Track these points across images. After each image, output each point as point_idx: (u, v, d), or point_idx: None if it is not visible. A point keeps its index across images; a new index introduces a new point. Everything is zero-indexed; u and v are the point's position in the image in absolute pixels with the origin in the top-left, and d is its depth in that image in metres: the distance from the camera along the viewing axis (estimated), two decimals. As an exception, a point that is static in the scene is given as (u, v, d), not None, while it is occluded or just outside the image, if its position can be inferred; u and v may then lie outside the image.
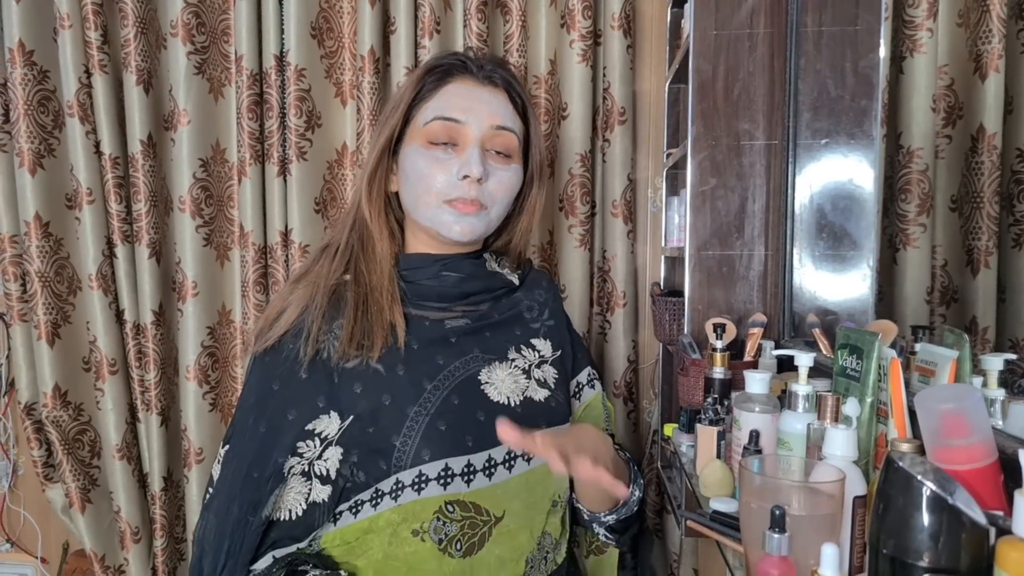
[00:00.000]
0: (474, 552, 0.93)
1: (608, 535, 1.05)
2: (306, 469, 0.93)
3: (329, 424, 0.93)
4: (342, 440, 0.93)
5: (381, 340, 0.95)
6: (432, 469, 0.92)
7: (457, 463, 0.93)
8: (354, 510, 0.94)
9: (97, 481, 1.94)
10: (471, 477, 0.93)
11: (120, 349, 1.87)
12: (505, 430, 0.78)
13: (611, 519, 1.02)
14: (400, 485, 0.92)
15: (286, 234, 1.81)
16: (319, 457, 0.93)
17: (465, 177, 0.97)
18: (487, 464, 0.95)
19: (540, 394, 1.02)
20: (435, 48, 1.74)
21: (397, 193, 1.07)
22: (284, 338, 0.98)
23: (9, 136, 1.82)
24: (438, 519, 0.92)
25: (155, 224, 1.82)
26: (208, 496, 0.99)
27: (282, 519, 0.94)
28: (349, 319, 0.96)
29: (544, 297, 1.12)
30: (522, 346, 1.05)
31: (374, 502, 0.93)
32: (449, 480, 0.92)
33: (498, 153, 1.01)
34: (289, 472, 0.94)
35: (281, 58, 1.77)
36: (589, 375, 1.14)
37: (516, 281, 1.11)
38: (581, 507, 1.04)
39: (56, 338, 1.85)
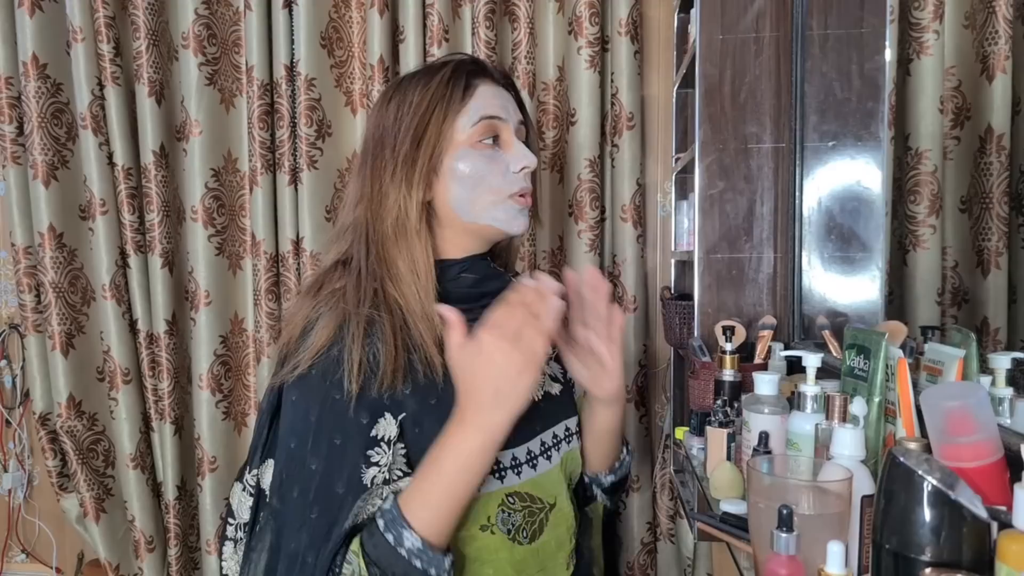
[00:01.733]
0: (536, 538, 0.97)
1: (606, 497, 1.10)
2: (387, 477, 0.92)
3: (388, 427, 0.93)
4: (400, 438, 0.93)
5: (438, 353, 0.94)
6: None
7: (504, 457, 0.95)
8: None
9: (111, 490, 1.95)
10: (520, 469, 0.96)
11: (134, 359, 1.88)
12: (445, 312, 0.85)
13: (611, 479, 1.07)
14: None
15: (297, 242, 1.82)
16: (394, 461, 0.92)
17: (523, 168, 1.01)
18: (529, 456, 0.98)
19: (555, 388, 1.05)
20: (443, 56, 1.75)
21: (429, 202, 1.06)
22: (316, 364, 0.95)
23: (23, 148, 1.84)
24: (503, 511, 0.94)
25: (168, 234, 1.84)
26: (236, 530, 0.99)
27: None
28: (390, 354, 0.94)
29: None
30: None
31: None
32: (503, 473, 0.95)
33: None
34: (372, 483, 0.92)
35: (291, 68, 1.79)
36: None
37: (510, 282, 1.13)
38: (585, 473, 1.09)
39: (70, 348, 1.87)
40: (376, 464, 0.92)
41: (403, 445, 0.93)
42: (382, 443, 0.93)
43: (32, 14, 1.77)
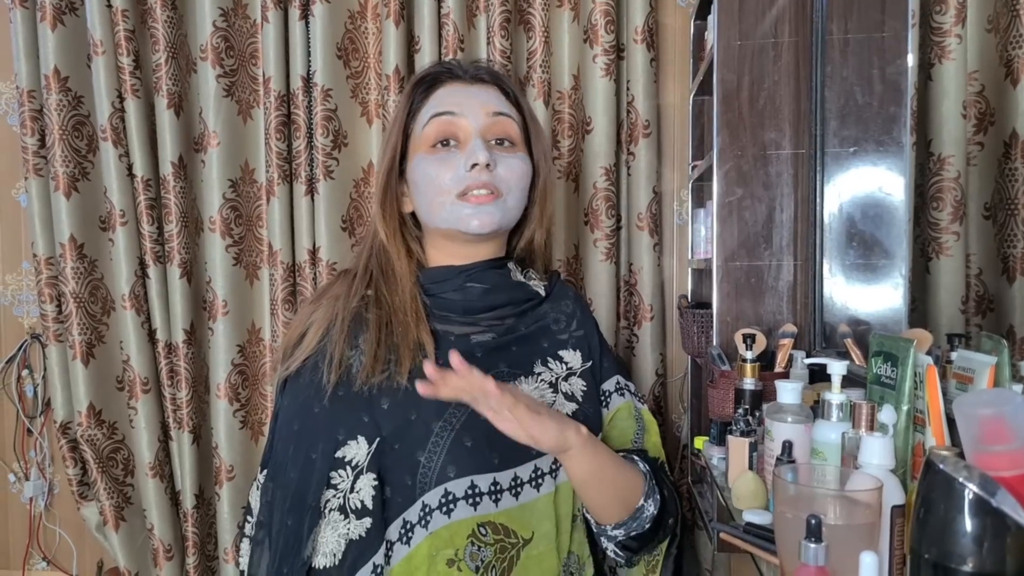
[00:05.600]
0: None
1: (618, 552, 0.98)
2: (342, 503, 0.91)
3: (358, 450, 0.92)
4: (372, 464, 0.91)
5: (409, 360, 0.94)
6: (458, 487, 0.90)
7: (483, 481, 0.90)
8: (387, 555, 0.90)
9: (131, 499, 1.96)
10: (498, 496, 0.90)
11: (152, 368, 1.89)
12: (428, 366, 0.80)
13: (619, 533, 0.95)
14: (428, 509, 0.89)
15: (314, 252, 1.83)
16: (352, 490, 0.91)
17: (474, 166, 0.96)
18: (513, 483, 0.92)
19: (567, 408, 0.99)
20: (459, 66, 1.76)
21: (412, 213, 1.06)
22: (306, 363, 0.97)
23: (45, 160, 1.86)
24: (472, 543, 0.89)
25: (186, 244, 1.85)
26: (253, 527, 0.98)
27: (326, 566, 0.91)
28: (372, 340, 0.95)
29: (571, 308, 1.09)
30: (549, 359, 1.02)
31: (405, 538, 0.90)
32: (478, 499, 0.90)
33: (499, 143, 1.00)
34: (326, 507, 0.91)
35: (308, 79, 1.80)
36: (617, 384, 1.08)
37: (543, 292, 1.08)
38: (588, 517, 0.98)
39: (90, 358, 1.89)
40: (334, 487, 0.91)
41: (375, 475, 0.90)
42: (347, 466, 0.91)
43: (54, 28, 1.79)
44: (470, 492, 0.90)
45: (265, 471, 0.99)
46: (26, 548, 2.09)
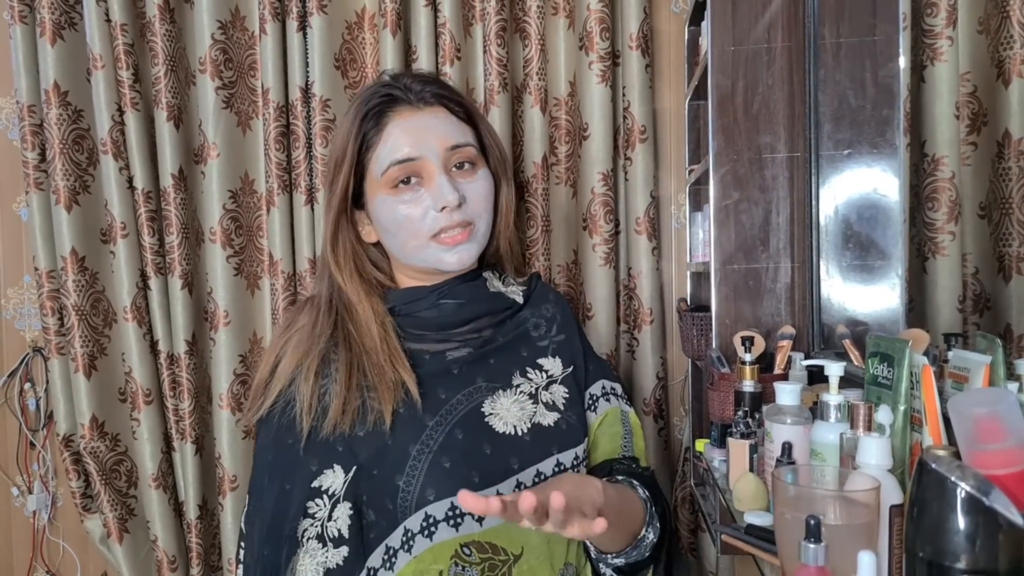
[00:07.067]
0: None
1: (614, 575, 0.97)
2: (320, 532, 0.90)
3: (335, 479, 0.91)
4: (348, 493, 0.90)
5: (391, 401, 0.91)
6: (438, 510, 0.88)
7: None
8: None
9: (134, 511, 1.96)
10: (481, 516, 0.89)
11: (155, 379, 1.90)
12: (464, 498, 0.68)
13: (619, 562, 0.94)
14: (410, 534, 0.88)
15: (314, 262, 1.83)
16: (329, 518, 0.90)
17: (444, 208, 0.96)
18: None
19: (549, 418, 0.98)
20: (456, 75, 1.77)
21: (376, 243, 1.05)
22: (275, 407, 0.96)
23: (45, 174, 1.87)
24: (456, 564, 0.88)
25: (187, 255, 1.86)
26: (242, 553, 0.99)
27: None
28: (341, 389, 0.92)
29: (552, 312, 1.08)
30: (528, 368, 1.01)
31: (388, 564, 0.89)
32: (459, 520, 0.88)
33: (460, 168, 0.99)
34: (304, 536, 0.91)
35: (306, 90, 1.81)
36: (603, 388, 1.07)
37: (520, 300, 1.07)
38: (589, 544, 0.96)
39: (93, 370, 1.89)
40: (311, 516, 0.91)
41: (351, 504, 0.89)
42: (324, 495, 0.90)
43: (53, 43, 1.80)
44: (450, 514, 0.88)
45: (250, 500, 0.99)
46: (30, 562, 2.10)
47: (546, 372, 1.02)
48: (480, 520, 0.89)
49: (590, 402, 1.06)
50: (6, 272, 2.09)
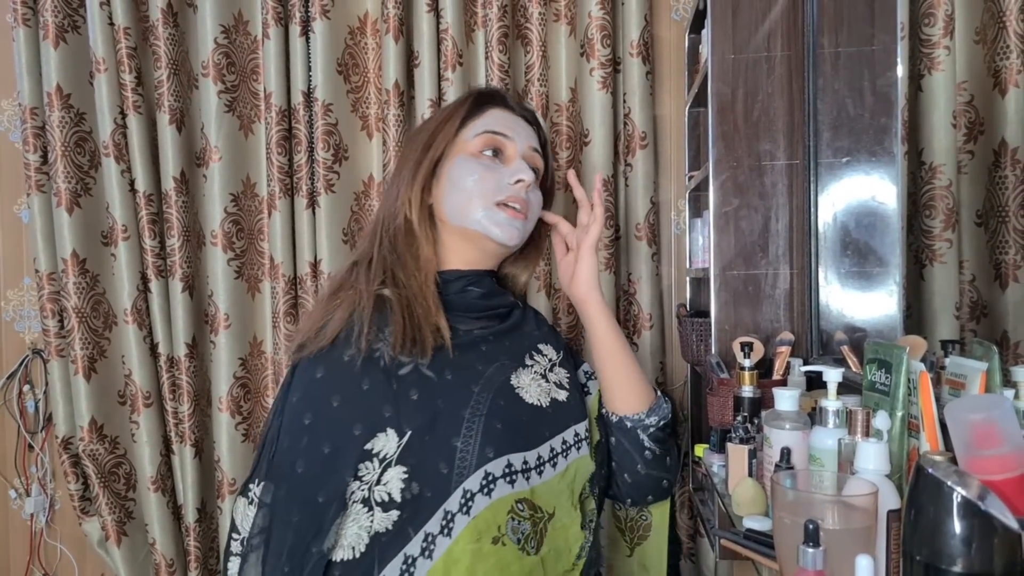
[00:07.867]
0: (540, 549, 0.95)
1: (654, 448, 1.09)
2: (367, 495, 0.91)
3: (387, 443, 0.92)
4: (402, 458, 0.91)
5: (431, 343, 0.98)
6: (497, 467, 0.93)
7: (517, 460, 0.95)
8: (427, 551, 0.90)
9: (132, 514, 1.96)
10: (528, 474, 0.96)
11: (154, 382, 1.90)
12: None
13: (652, 421, 1.08)
14: (469, 495, 0.90)
15: (315, 265, 1.84)
16: (379, 482, 0.91)
17: (518, 181, 1.06)
18: (538, 462, 0.98)
19: (561, 395, 1.07)
20: (458, 80, 1.78)
21: (430, 205, 1.12)
22: (336, 342, 0.99)
23: (47, 177, 1.88)
24: (512, 519, 0.92)
25: (188, 258, 1.87)
26: (240, 543, 0.95)
27: (344, 559, 0.90)
28: (398, 323, 0.99)
29: (533, 313, 1.20)
30: (534, 352, 1.10)
31: (446, 530, 0.89)
32: (513, 477, 0.94)
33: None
34: (351, 499, 0.91)
35: (308, 94, 1.82)
36: (586, 370, 1.19)
37: (519, 303, 1.19)
38: (618, 415, 1.09)
39: (92, 372, 1.89)
40: (360, 479, 0.92)
41: (405, 469, 0.91)
42: (375, 458, 0.92)
43: (56, 46, 1.81)
44: (507, 471, 0.94)
45: (261, 483, 0.96)
46: (27, 565, 2.09)
47: (547, 356, 1.12)
48: (527, 479, 0.95)
49: (584, 380, 1.18)
50: (6, 274, 2.10)
